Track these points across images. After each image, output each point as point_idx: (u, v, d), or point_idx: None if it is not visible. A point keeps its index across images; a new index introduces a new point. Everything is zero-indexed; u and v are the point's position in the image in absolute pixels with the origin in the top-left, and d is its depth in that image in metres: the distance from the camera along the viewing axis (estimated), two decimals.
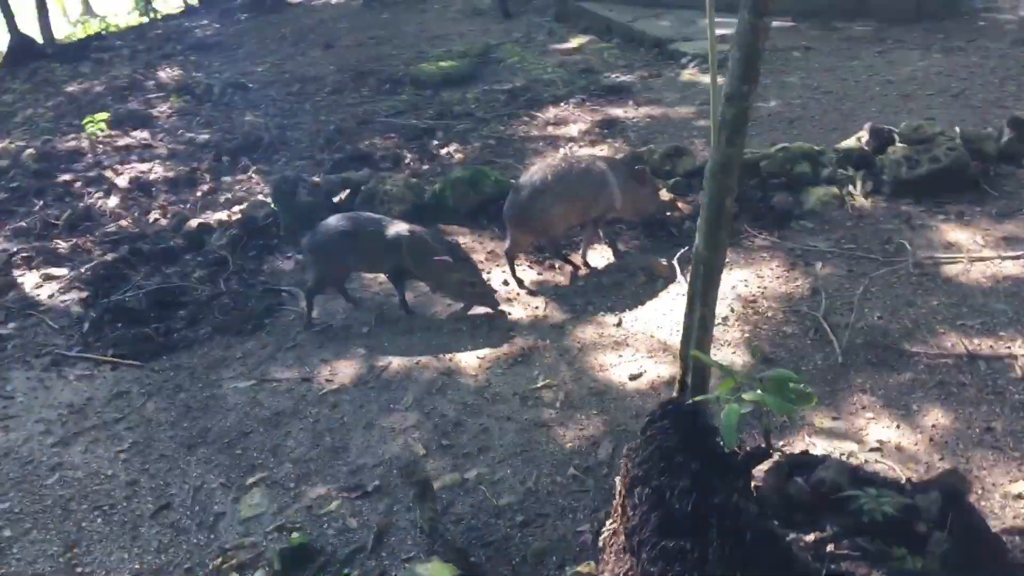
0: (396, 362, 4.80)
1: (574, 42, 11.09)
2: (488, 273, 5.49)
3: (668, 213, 5.75)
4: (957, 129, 5.89)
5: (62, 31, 19.21)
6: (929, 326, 4.39)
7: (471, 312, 5.16)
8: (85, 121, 9.65)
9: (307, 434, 4.32)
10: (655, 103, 8.32)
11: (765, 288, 4.93)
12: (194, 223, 6.82)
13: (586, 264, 5.50)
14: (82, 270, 6.40)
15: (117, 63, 13.32)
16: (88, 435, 4.53)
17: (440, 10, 13.93)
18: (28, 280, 6.39)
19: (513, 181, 5.70)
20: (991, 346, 4.17)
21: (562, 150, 7.48)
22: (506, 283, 5.43)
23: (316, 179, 6.63)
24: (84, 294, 6.02)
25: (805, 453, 3.38)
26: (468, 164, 6.86)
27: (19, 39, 14.45)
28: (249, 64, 12.23)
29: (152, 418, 4.62)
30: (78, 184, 8.42)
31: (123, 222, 7.39)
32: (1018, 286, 4.59)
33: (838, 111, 7.41)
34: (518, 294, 5.31)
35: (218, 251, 6.26)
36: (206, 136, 9.32)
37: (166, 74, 12.19)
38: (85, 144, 9.45)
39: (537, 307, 5.17)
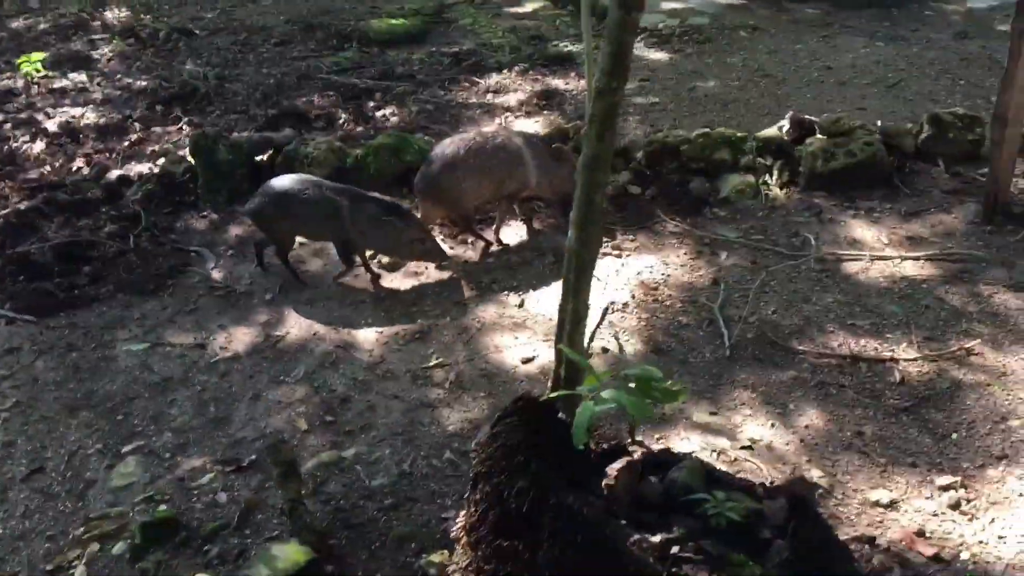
0: (294, 332, 4.74)
1: (529, 6, 10.91)
2: None
3: None
4: (878, 123, 5.87)
5: None
6: (820, 324, 4.38)
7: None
8: (20, 61, 9.37)
9: (192, 402, 4.26)
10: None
11: (669, 276, 4.90)
12: (114, 175, 6.66)
13: (499, 241, 5.43)
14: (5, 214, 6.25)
15: (64, 1, 12.93)
16: None
17: None
18: None
19: None
20: (876, 348, 4.18)
21: (497, 120, 7.38)
22: None
23: (237, 135, 6.49)
24: None
25: (665, 451, 3.37)
26: (393, 132, 6.72)
27: None
28: (200, 9, 11.91)
29: (39, 377, 4.53)
30: (7, 126, 8.20)
31: (45, 169, 7.22)
32: (913, 288, 4.60)
33: (774, 96, 7.35)
34: (426, 268, 5.24)
35: (132, 206, 6.12)
36: (144, 83, 9.07)
37: (114, 15, 11.84)
38: (20, 84, 9.21)
39: (444, 280, 5.11)
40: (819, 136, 5.58)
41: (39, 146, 7.61)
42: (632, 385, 3.21)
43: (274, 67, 9.25)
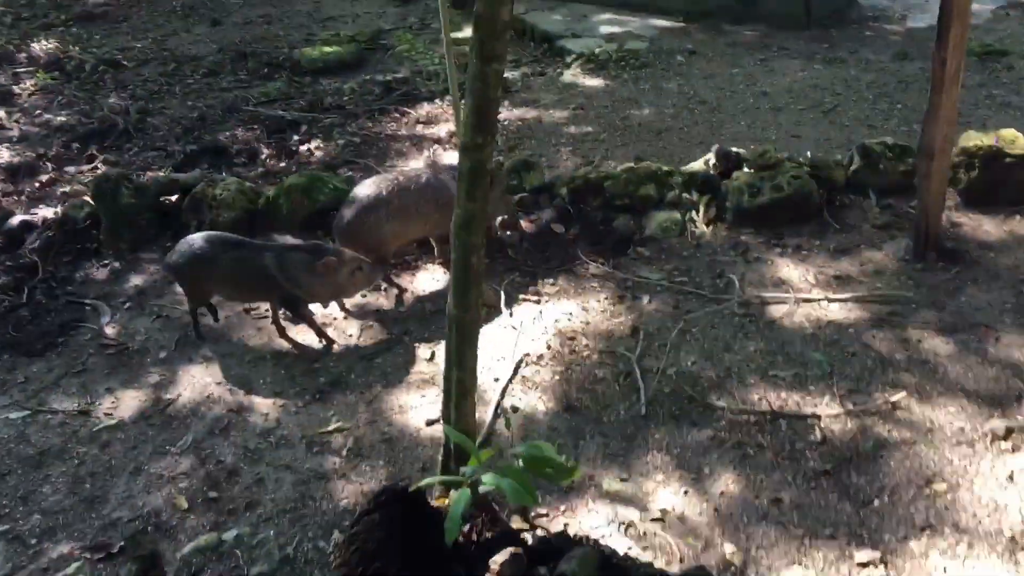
0: (186, 394, 4.40)
1: (468, 31, 10.62)
2: None
3: (515, 224, 5.39)
4: (808, 154, 5.64)
5: None
6: (741, 375, 4.11)
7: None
8: None
9: (67, 479, 3.90)
10: (531, 104, 7.95)
11: (588, 323, 4.62)
12: (16, 220, 6.26)
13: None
14: None
15: None
16: None
17: None
18: None
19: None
20: (797, 403, 3.91)
21: (425, 153, 7.09)
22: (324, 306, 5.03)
23: (142, 177, 6.13)
24: None
25: (561, 536, 3.08)
26: (304, 171, 6.40)
27: None
28: (131, 39, 11.53)
29: None
30: None
31: None
32: (839, 333, 4.35)
33: (708, 123, 7.12)
34: (335, 319, 4.93)
35: (30, 255, 5.75)
36: (63, 118, 8.69)
37: (41, 46, 11.41)
38: None
39: (351, 334, 4.79)
40: (746, 169, 5.33)
41: None
42: (522, 464, 2.93)
43: (200, 99, 8.90)
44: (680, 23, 9.63)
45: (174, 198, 6.00)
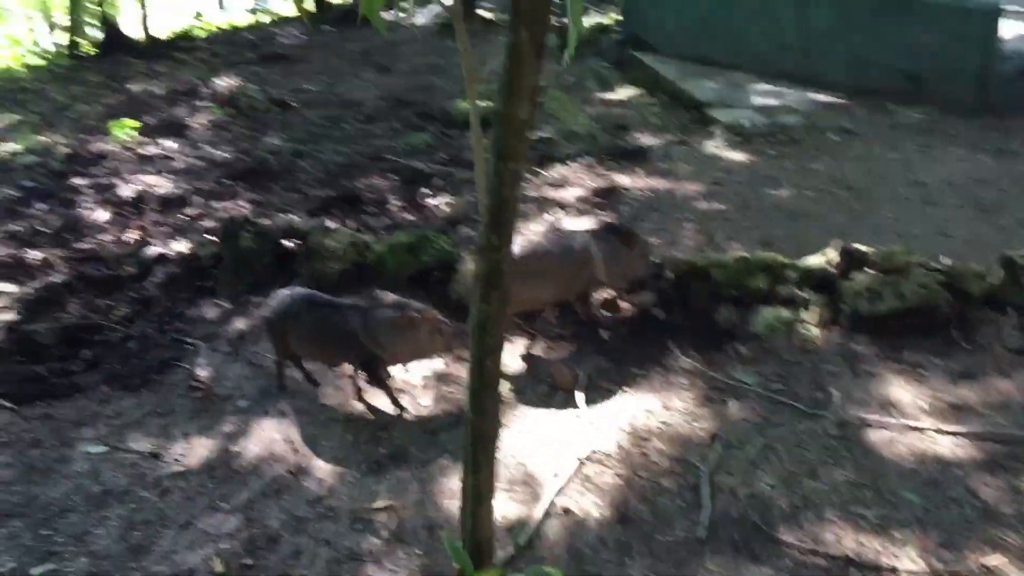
0: (253, 449, 4.36)
1: (622, 94, 10.46)
2: None
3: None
4: (948, 259, 5.09)
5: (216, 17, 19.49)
6: (819, 508, 3.67)
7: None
8: (111, 125, 9.59)
9: (121, 524, 3.91)
10: (666, 175, 7.66)
11: (666, 424, 4.28)
12: (152, 251, 6.55)
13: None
14: (29, 289, 6.21)
15: (188, 67, 13.36)
16: None
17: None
18: None
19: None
20: (877, 550, 3.43)
21: (546, 216, 6.92)
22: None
23: (269, 223, 6.25)
24: (14, 316, 5.80)
25: None
26: (413, 229, 6.34)
27: (110, 32, 14.73)
28: (304, 80, 12.04)
29: None
30: (87, 191, 8.32)
31: (106, 238, 7.21)
32: (943, 472, 3.82)
33: (850, 211, 6.61)
34: (413, 385, 4.80)
35: (152, 289, 5.95)
36: (225, 154, 9.10)
37: (224, 83, 12.09)
38: (115, 149, 9.39)
39: (425, 405, 4.64)
40: (869, 271, 4.85)
41: (104, 215, 7.63)
42: None
43: (351, 144, 9.11)
44: (841, 99, 9.10)
45: (292, 244, 6.08)
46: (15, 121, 11.11)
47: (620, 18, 12.58)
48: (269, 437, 4.44)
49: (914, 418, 4.15)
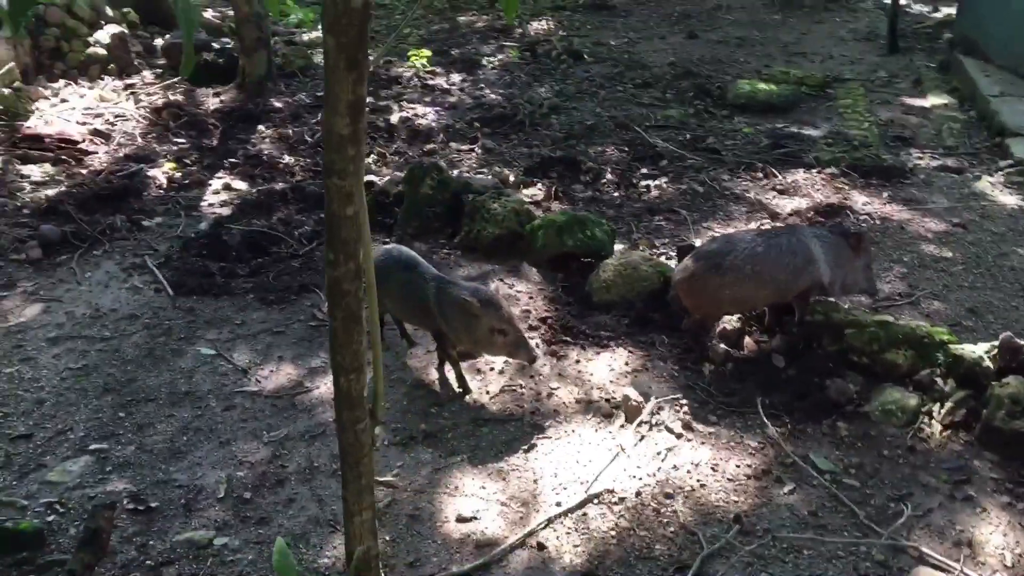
0: (321, 390, 4.45)
1: (931, 101, 9.08)
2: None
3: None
4: None
5: None
6: None
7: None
8: (410, 54, 10.05)
9: (180, 425, 4.18)
10: (910, 203, 6.57)
11: (702, 487, 3.69)
12: (367, 179, 6.84)
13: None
14: (253, 190, 6.78)
15: (520, 4, 13.59)
16: (66, 343, 4.83)
17: (837, 24, 12.19)
18: (215, 184, 6.92)
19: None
20: None
21: (752, 225, 6.26)
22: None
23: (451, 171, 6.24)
24: (227, 213, 6.37)
25: None
26: (568, 212, 5.93)
27: None
28: (612, 35, 11.80)
29: (120, 351, 4.78)
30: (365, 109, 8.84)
31: None
32: None
33: None
34: (492, 369, 4.60)
35: None
36: (495, 96, 9.23)
37: (539, 25, 12.22)
38: (408, 74, 9.88)
39: (492, 394, 4.44)
40: (1021, 378, 3.83)
41: None
42: None
43: (611, 108, 8.82)
44: None
45: (470, 199, 6.03)
46: None
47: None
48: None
49: (988, 568, 3.26)
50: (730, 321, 4.73)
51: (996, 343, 4.03)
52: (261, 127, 8.26)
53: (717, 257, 4.38)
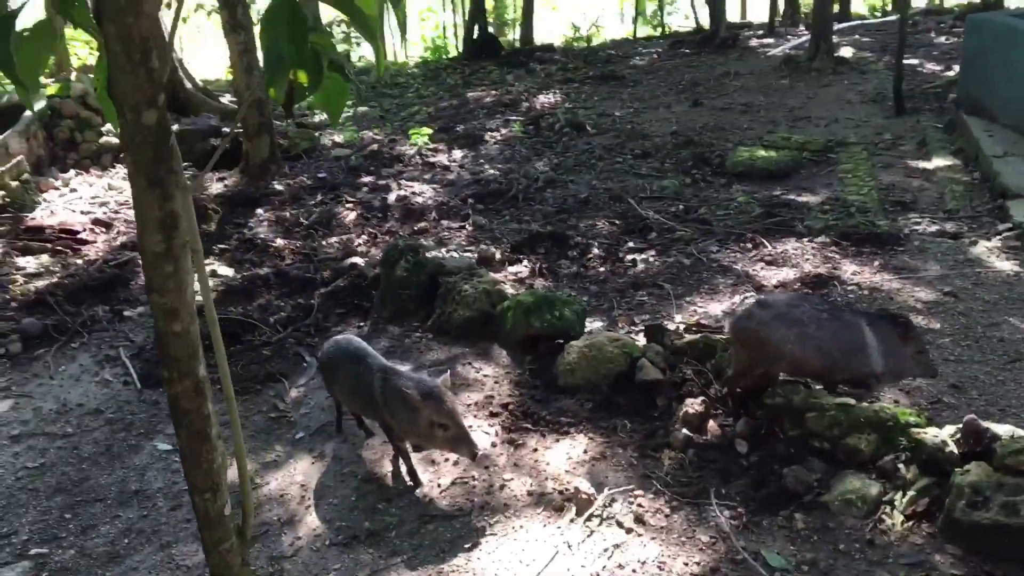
0: (272, 486, 4.32)
1: (936, 163, 8.83)
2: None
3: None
4: None
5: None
6: None
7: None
8: (411, 132, 10.12)
9: (124, 527, 4.07)
10: (902, 271, 6.31)
11: None
12: (350, 261, 6.80)
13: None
14: (238, 277, 6.77)
15: (529, 78, 13.71)
16: (28, 441, 4.78)
17: (845, 87, 12.01)
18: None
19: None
20: None
21: (736, 299, 6.04)
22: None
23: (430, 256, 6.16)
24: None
25: None
26: (536, 291, 5.79)
27: (483, 36, 15.56)
28: (618, 105, 11.78)
29: (80, 447, 4.73)
30: (364, 189, 8.90)
31: (344, 237, 7.66)
32: None
33: None
34: (447, 461, 4.43)
35: (316, 299, 6.17)
36: (493, 171, 9.22)
37: (545, 99, 12.26)
38: (411, 152, 9.94)
39: (442, 487, 4.27)
40: (983, 465, 3.55)
41: (351, 215, 8.10)
42: None
43: (607, 180, 8.75)
44: None
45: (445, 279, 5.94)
46: (363, 112, 12.22)
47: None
48: (290, 478, 4.37)
49: None
50: (693, 404, 4.52)
51: (959, 428, 3.76)
52: (260, 210, 8.31)
53: (787, 307, 4.17)
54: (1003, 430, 3.66)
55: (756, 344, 4.22)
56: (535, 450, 4.44)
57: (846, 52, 13.61)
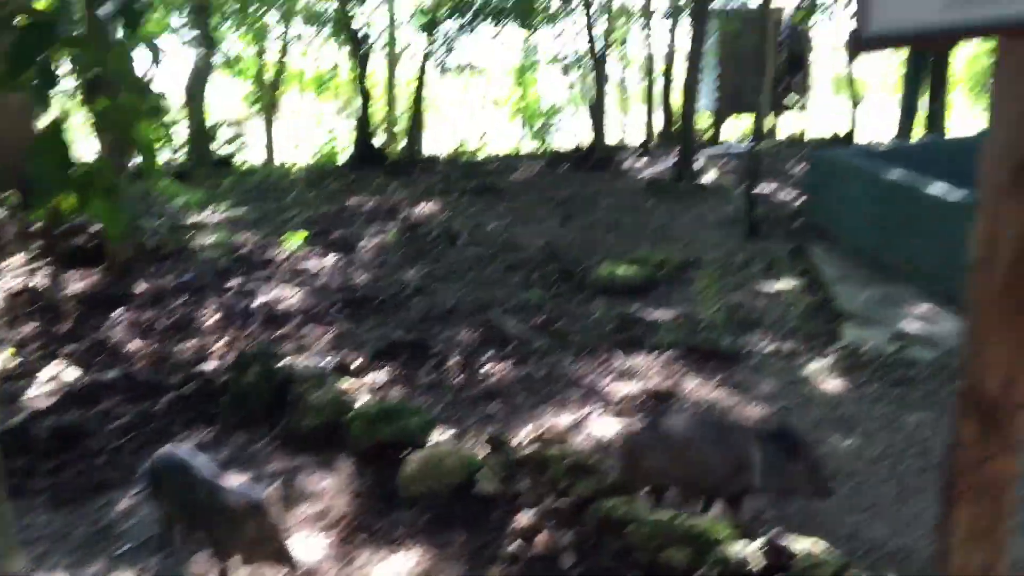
0: None
1: (781, 285, 9.35)
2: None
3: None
4: None
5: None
6: None
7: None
8: (283, 237, 10.15)
9: None
10: (740, 387, 6.60)
11: None
12: (200, 367, 6.69)
13: None
14: (84, 379, 6.56)
15: (410, 187, 13.98)
16: None
17: (706, 210, 12.66)
18: (48, 373, 6.69)
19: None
20: None
21: (584, 411, 6.19)
22: None
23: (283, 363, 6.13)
24: (48, 405, 6.12)
25: None
26: (388, 402, 5.85)
27: (363, 146, 15.87)
28: (493, 217, 12.09)
29: None
30: (228, 294, 8.81)
31: (200, 342, 7.53)
32: None
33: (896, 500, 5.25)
34: None
35: (162, 406, 6.03)
36: (365, 278, 9.29)
37: (423, 209, 12.51)
38: (281, 257, 9.93)
39: None
40: None
41: (211, 320, 7.99)
42: None
43: (474, 291, 8.91)
44: None
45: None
46: (241, 214, 12.18)
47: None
48: None
49: None
50: (527, 516, 4.58)
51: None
52: (120, 310, 8.11)
53: (661, 427, 4.62)
54: (801, 546, 3.84)
55: (637, 463, 4.53)
56: (366, 564, 4.39)
57: (710, 177, 14.40)
